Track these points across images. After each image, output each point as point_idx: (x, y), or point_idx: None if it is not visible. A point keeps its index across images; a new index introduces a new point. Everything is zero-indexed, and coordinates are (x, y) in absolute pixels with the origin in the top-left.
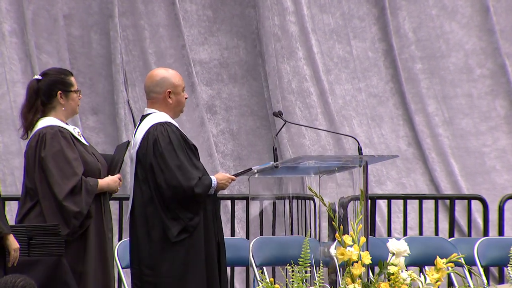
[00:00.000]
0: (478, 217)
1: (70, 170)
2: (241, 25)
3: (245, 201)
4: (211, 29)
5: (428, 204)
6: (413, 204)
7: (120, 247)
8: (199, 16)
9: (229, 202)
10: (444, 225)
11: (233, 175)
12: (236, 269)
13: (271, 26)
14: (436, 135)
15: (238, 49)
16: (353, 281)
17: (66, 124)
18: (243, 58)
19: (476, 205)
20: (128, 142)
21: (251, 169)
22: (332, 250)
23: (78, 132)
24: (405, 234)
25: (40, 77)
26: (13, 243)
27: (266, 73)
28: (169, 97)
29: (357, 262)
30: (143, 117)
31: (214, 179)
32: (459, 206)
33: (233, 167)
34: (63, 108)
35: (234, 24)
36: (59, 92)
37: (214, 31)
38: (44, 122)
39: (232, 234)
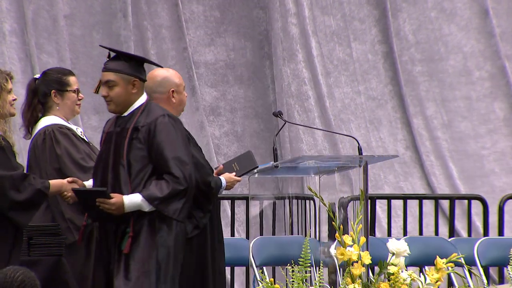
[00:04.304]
0: (477, 218)
1: (87, 165)
2: (249, 26)
3: (245, 201)
4: (218, 30)
5: (427, 208)
6: (411, 208)
7: None
8: (206, 17)
9: (229, 202)
10: (443, 228)
11: (238, 176)
12: (236, 269)
13: (279, 28)
14: (434, 138)
15: (245, 50)
16: (353, 281)
17: (69, 123)
18: (250, 59)
19: (476, 206)
20: None
21: (256, 167)
22: (332, 250)
23: (81, 132)
24: (405, 234)
25: (38, 76)
26: (57, 186)
27: (273, 75)
28: (173, 96)
29: (357, 262)
30: None
31: (223, 179)
32: (459, 208)
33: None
34: (57, 108)
35: (241, 25)
36: (53, 91)
37: (221, 32)
38: (47, 121)
39: (232, 234)
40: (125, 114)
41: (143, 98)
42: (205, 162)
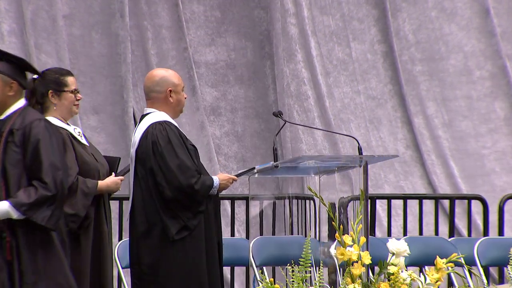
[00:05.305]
0: (478, 217)
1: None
2: (250, 26)
3: (245, 201)
4: (219, 30)
5: (427, 207)
6: (412, 207)
7: (120, 247)
8: (207, 17)
9: (229, 202)
10: (443, 228)
11: (234, 175)
12: (236, 269)
13: (280, 28)
14: (435, 137)
15: (246, 50)
16: (353, 281)
17: (67, 124)
18: (250, 59)
19: (476, 205)
20: None
21: (253, 168)
22: (332, 250)
23: (79, 132)
24: (405, 234)
25: (37, 77)
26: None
27: (274, 75)
28: (170, 96)
29: (357, 262)
30: (143, 116)
31: (216, 179)
32: (459, 207)
33: (236, 169)
34: (54, 108)
35: (242, 25)
36: (51, 91)
37: (221, 32)
38: None
39: (232, 234)
40: (2, 117)
41: (20, 103)
42: (192, 164)
